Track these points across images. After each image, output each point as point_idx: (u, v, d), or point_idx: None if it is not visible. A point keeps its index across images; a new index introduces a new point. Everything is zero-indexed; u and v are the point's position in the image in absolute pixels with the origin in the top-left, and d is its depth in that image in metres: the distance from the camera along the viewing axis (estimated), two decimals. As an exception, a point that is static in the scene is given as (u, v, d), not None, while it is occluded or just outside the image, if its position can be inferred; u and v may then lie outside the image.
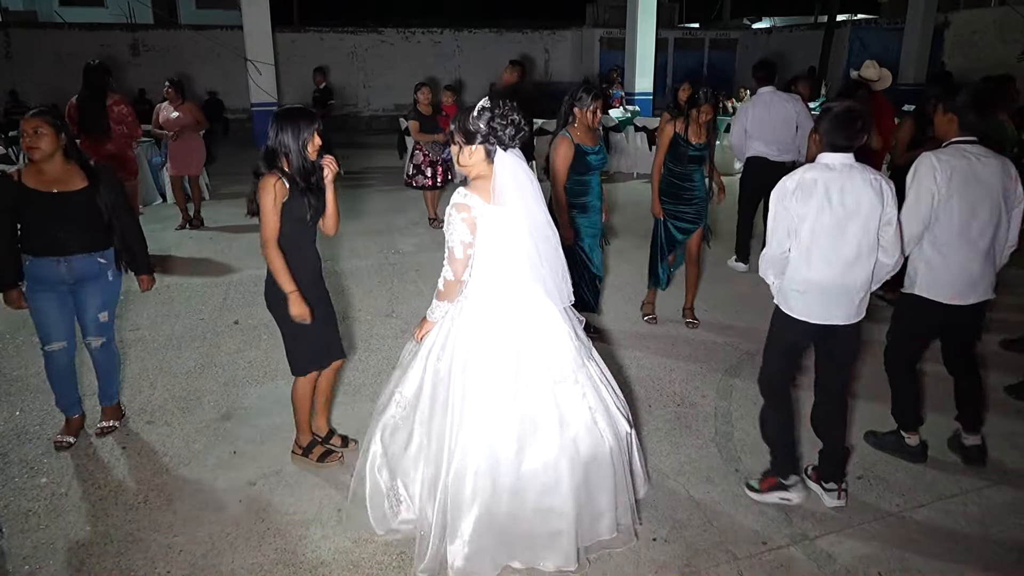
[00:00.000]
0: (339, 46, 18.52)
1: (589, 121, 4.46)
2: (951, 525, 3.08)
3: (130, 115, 6.77)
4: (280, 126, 3.04)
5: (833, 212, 2.87)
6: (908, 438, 3.54)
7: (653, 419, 3.95)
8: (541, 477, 2.66)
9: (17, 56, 15.99)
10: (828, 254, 2.91)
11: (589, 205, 4.60)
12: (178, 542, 2.96)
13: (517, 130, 2.64)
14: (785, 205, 2.94)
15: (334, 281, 6.32)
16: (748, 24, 24.11)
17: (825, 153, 2.94)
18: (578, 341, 2.81)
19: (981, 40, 16.05)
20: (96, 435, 3.75)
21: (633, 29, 14.39)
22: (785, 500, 3.18)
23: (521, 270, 2.70)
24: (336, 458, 3.50)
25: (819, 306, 2.99)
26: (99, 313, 3.62)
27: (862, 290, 2.99)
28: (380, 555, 2.89)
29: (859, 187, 2.87)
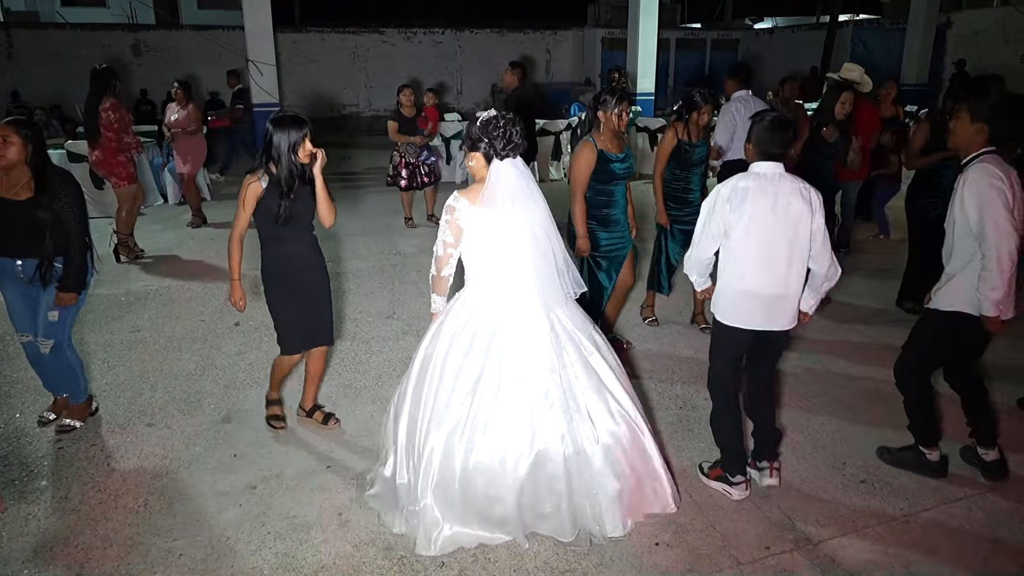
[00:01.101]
0: (341, 46, 18.51)
1: (615, 125, 4.19)
2: (955, 530, 3.06)
3: (117, 122, 6.60)
4: (273, 131, 3.30)
5: (765, 220, 2.93)
6: (928, 453, 3.41)
7: (656, 421, 3.93)
8: (490, 469, 2.81)
9: (19, 56, 15.99)
10: (761, 262, 2.98)
11: (611, 218, 4.34)
12: (178, 546, 2.95)
13: (510, 143, 2.84)
14: (718, 211, 3.01)
15: (335, 283, 6.30)
16: (750, 24, 24.08)
17: (757, 162, 3.02)
18: (558, 346, 2.90)
19: (983, 40, 16.02)
20: (55, 432, 3.77)
21: (635, 29, 14.36)
22: (726, 492, 3.26)
23: (508, 270, 2.89)
24: (279, 426, 3.81)
25: (753, 313, 3.06)
26: (49, 311, 3.57)
27: (793, 299, 3.05)
28: (381, 559, 2.87)
29: (789, 195, 2.94)
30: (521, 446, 2.81)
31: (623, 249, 4.44)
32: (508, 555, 2.89)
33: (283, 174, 3.31)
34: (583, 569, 2.82)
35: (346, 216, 8.82)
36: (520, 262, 2.87)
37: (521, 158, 2.93)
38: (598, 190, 4.29)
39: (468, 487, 2.83)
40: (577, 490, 2.87)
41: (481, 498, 2.84)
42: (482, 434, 2.81)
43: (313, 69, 18.14)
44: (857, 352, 4.83)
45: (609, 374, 3.01)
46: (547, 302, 2.92)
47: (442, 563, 2.84)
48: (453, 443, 2.82)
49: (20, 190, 3.43)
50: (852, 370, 4.56)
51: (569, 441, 2.82)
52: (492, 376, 2.84)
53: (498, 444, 2.81)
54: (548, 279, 2.91)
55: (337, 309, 5.67)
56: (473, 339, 2.89)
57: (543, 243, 2.89)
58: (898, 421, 3.69)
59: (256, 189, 3.33)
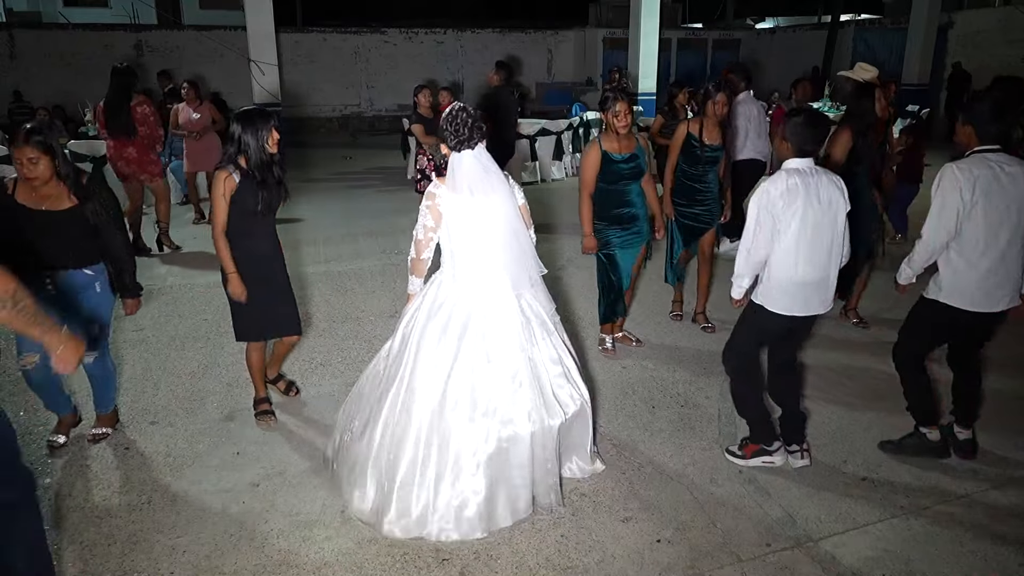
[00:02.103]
0: (342, 46, 18.51)
1: (615, 125, 4.24)
2: (956, 527, 3.07)
3: (152, 115, 6.90)
4: (241, 126, 3.42)
5: (814, 213, 3.09)
6: (929, 432, 3.53)
7: (657, 420, 3.95)
8: (459, 449, 2.96)
9: (21, 56, 16.00)
10: (811, 253, 3.14)
11: (624, 216, 4.38)
12: (181, 543, 2.97)
13: (458, 136, 3.01)
14: (771, 211, 3.11)
15: (337, 282, 6.33)
16: (751, 24, 24.07)
17: (794, 159, 3.15)
18: (527, 327, 3.09)
19: (985, 40, 16.00)
20: (89, 441, 3.71)
21: (636, 29, 14.38)
22: (768, 463, 3.44)
23: (479, 254, 3.06)
24: (267, 420, 3.89)
25: (802, 301, 3.22)
26: (89, 325, 3.48)
27: (834, 281, 3.26)
28: (383, 556, 2.89)
29: (828, 188, 3.13)
30: (490, 423, 2.97)
31: (638, 243, 4.53)
32: (510, 552, 2.90)
33: (256, 166, 3.45)
34: (584, 565, 2.83)
35: (348, 216, 8.86)
36: (490, 247, 3.05)
37: (485, 151, 3.08)
38: (607, 191, 4.35)
39: (442, 458, 2.97)
40: (540, 464, 3.06)
41: (454, 470, 2.97)
42: (453, 411, 2.97)
43: (314, 69, 18.14)
44: (859, 350, 4.84)
45: (566, 354, 3.24)
46: (516, 285, 3.11)
47: (444, 560, 2.86)
48: (426, 421, 2.98)
49: (61, 200, 3.33)
50: (854, 368, 4.57)
51: (536, 418, 3.00)
52: (465, 358, 3.00)
53: (470, 421, 2.97)
54: (516, 263, 3.10)
55: (339, 308, 5.70)
56: (448, 321, 3.05)
57: (508, 229, 3.07)
58: (899, 420, 3.71)
59: (231, 183, 3.44)
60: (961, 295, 3.28)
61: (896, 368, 3.62)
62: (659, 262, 5.52)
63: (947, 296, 3.31)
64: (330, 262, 6.94)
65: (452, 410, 2.97)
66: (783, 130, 3.17)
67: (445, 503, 2.96)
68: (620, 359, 4.70)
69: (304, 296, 5.91)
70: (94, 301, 3.53)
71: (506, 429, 2.97)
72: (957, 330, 3.44)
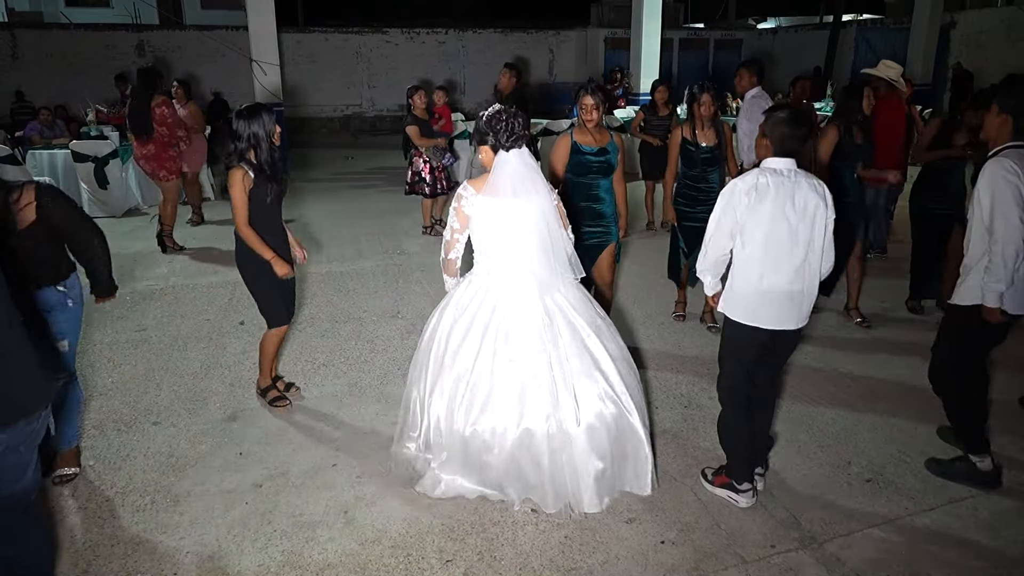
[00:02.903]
0: (344, 46, 18.52)
1: (583, 118, 4.28)
2: (961, 530, 3.06)
3: (170, 116, 7.03)
4: (248, 122, 3.56)
5: (786, 218, 2.89)
6: (979, 462, 3.32)
7: (660, 421, 3.94)
8: (483, 439, 3.05)
9: (23, 56, 16.02)
10: (779, 261, 2.94)
11: (592, 211, 4.34)
12: (184, 544, 2.96)
13: (512, 135, 3.02)
14: (733, 207, 2.94)
15: (339, 282, 6.32)
16: (753, 24, 24.05)
17: (774, 158, 2.96)
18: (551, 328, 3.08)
19: (988, 40, 15.99)
20: (54, 484, 3.33)
21: (638, 29, 14.36)
22: (732, 500, 3.19)
23: (509, 255, 3.07)
24: (284, 405, 4.02)
25: (769, 313, 3.01)
26: (58, 342, 3.23)
27: (809, 295, 3.03)
28: (387, 557, 2.88)
29: (807, 192, 2.91)
30: (509, 421, 3.02)
31: (603, 242, 4.42)
32: (514, 553, 2.89)
33: (266, 159, 3.61)
34: (588, 567, 2.82)
35: (350, 216, 8.85)
36: (520, 248, 3.05)
37: (527, 150, 3.07)
38: (576, 183, 4.34)
39: (467, 450, 3.10)
40: (558, 466, 3.03)
41: (477, 462, 3.11)
42: (478, 408, 3.05)
43: (316, 69, 18.15)
44: (861, 351, 4.83)
45: (605, 357, 3.13)
46: (543, 286, 3.10)
47: (447, 561, 2.85)
48: (453, 411, 3.09)
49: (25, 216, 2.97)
50: (856, 369, 4.56)
51: (553, 421, 3.00)
52: (487, 355, 3.06)
53: (491, 417, 3.04)
54: (546, 264, 3.08)
55: (342, 309, 5.69)
56: (473, 319, 3.12)
57: (543, 231, 3.05)
58: (904, 422, 3.70)
59: (248, 180, 3.59)
60: (1010, 298, 3.06)
61: (937, 391, 3.41)
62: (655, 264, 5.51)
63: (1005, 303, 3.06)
64: (332, 262, 6.94)
65: (477, 407, 3.05)
66: (763, 127, 3.01)
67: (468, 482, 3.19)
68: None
69: (306, 296, 5.91)
70: (64, 315, 3.23)
71: (522, 429, 3.02)
72: (1000, 336, 3.22)
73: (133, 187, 9.12)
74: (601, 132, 4.35)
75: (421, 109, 7.65)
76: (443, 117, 8.21)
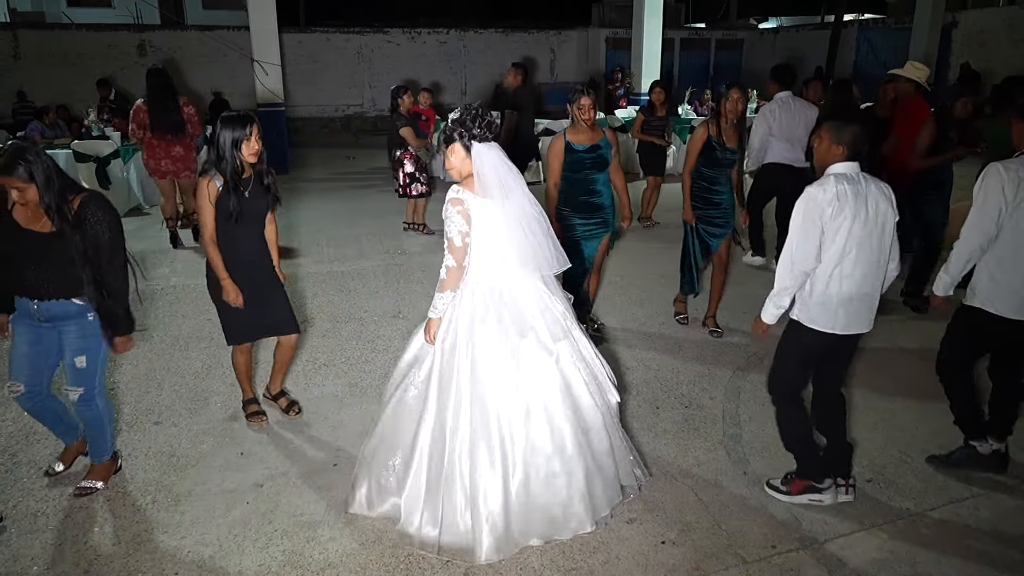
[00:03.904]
0: (345, 46, 18.51)
1: (580, 117, 4.42)
2: (962, 529, 3.06)
3: (196, 115, 7.10)
4: (221, 127, 3.36)
5: (863, 223, 2.86)
6: (979, 446, 3.40)
7: (661, 421, 3.94)
8: (548, 443, 2.85)
9: (25, 56, 16.03)
10: (856, 266, 2.91)
11: (589, 204, 4.56)
12: (186, 543, 2.97)
13: (485, 123, 2.88)
14: (820, 219, 2.84)
15: (340, 282, 6.32)
16: (754, 24, 24.02)
17: (842, 163, 2.91)
18: (562, 315, 3.01)
19: (990, 40, 15.96)
20: (74, 495, 3.26)
21: (639, 29, 14.36)
22: (817, 501, 3.17)
23: (511, 255, 2.90)
24: (258, 421, 3.89)
25: (843, 317, 2.98)
26: (75, 357, 3.12)
27: (878, 298, 3.03)
28: (388, 557, 2.88)
29: (877, 196, 2.90)
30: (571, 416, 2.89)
31: (602, 233, 4.66)
32: (514, 553, 2.89)
33: (227, 171, 3.38)
34: (589, 567, 2.82)
35: (351, 216, 8.85)
36: (518, 244, 2.91)
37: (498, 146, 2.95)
38: (572, 179, 4.52)
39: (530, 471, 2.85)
40: (617, 444, 3.08)
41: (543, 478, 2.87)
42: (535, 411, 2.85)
43: (317, 69, 18.15)
44: (861, 350, 4.81)
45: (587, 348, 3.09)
46: (543, 279, 3.01)
47: (447, 561, 2.85)
48: (510, 427, 2.83)
49: (45, 220, 2.97)
50: (857, 369, 4.55)
51: (600, 401, 2.97)
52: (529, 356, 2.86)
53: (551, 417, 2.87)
54: (546, 257, 2.96)
55: (342, 309, 5.69)
56: (498, 326, 2.88)
57: (534, 223, 2.95)
58: (906, 420, 3.70)
59: (213, 189, 3.40)
60: (1001, 302, 3.16)
61: (940, 381, 3.49)
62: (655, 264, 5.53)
63: (985, 302, 3.19)
64: (333, 262, 6.94)
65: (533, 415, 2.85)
66: (830, 131, 2.91)
67: (543, 509, 2.89)
68: (623, 359, 4.69)
69: (306, 296, 5.91)
70: (86, 331, 3.14)
71: (586, 415, 2.94)
72: (996, 338, 3.28)
73: (135, 187, 9.13)
74: (594, 129, 4.51)
75: (407, 109, 7.53)
76: (428, 118, 8.17)
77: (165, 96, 6.84)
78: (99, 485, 3.32)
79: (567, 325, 2.99)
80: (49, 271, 3.01)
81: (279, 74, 11.67)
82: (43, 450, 3.65)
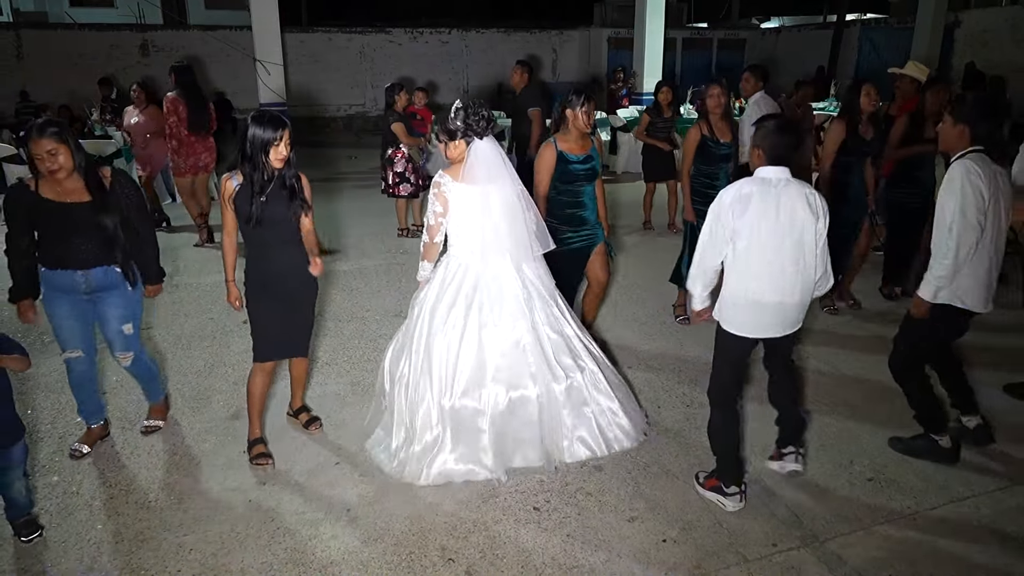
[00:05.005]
0: (347, 46, 18.54)
1: (580, 124, 4.14)
2: (963, 528, 3.06)
3: (214, 111, 7.35)
4: (249, 127, 3.22)
5: (769, 227, 2.90)
6: (940, 439, 3.50)
7: (662, 420, 3.95)
8: (474, 408, 3.33)
9: (28, 56, 16.07)
10: (764, 270, 2.95)
11: (577, 217, 4.29)
12: (188, 541, 2.98)
13: (488, 122, 3.32)
14: (721, 219, 2.95)
15: (342, 281, 6.34)
16: (757, 24, 24.02)
17: (766, 167, 2.97)
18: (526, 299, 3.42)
19: (992, 40, 15.95)
20: (141, 433, 3.78)
21: (641, 29, 14.36)
22: (720, 504, 3.20)
23: (484, 234, 3.35)
24: (263, 464, 3.50)
25: (756, 321, 3.06)
26: (123, 325, 3.48)
27: (799, 306, 3.05)
28: (389, 555, 2.89)
29: (794, 201, 2.91)
30: (499, 387, 3.33)
31: (591, 244, 4.40)
32: (516, 551, 2.91)
33: (252, 172, 3.22)
34: (590, 565, 2.83)
35: (353, 215, 8.87)
36: (494, 227, 3.35)
37: (494, 138, 3.37)
38: (562, 190, 4.25)
39: (459, 421, 3.33)
40: (547, 423, 3.40)
41: (470, 430, 3.35)
42: (467, 379, 3.32)
43: (319, 69, 18.18)
44: (861, 349, 4.82)
45: (566, 324, 3.55)
46: (516, 260, 3.43)
47: (449, 559, 2.86)
48: (444, 387, 3.32)
49: (81, 193, 3.24)
50: (857, 368, 4.56)
51: (541, 381, 3.35)
52: (474, 327, 3.34)
53: (480, 386, 3.33)
54: (518, 240, 3.41)
55: (345, 308, 5.71)
56: (457, 296, 3.38)
57: (514, 209, 3.39)
58: (904, 419, 3.70)
59: (229, 188, 3.27)
60: (969, 295, 3.25)
61: (895, 379, 3.56)
62: (655, 264, 5.53)
63: (956, 299, 3.25)
64: (335, 261, 6.95)
65: (465, 376, 3.32)
66: (754, 138, 3.01)
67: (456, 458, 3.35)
68: (624, 358, 4.69)
69: (310, 295, 5.91)
70: (127, 297, 3.48)
71: (515, 392, 3.34)
72: (956, 332, 3.41)
73: (137, 186, 9.16)
74: (584, 137, 4.24)
75: (403, 108, 7.45)
76: (424, 118, 8.11)
77: (199, 92, 6.94)
78: (160, 423, 3.85)
79: (524, 306, 3.39)
80: (91, 240, 3.28)
81: (281, 74, 11.68)
82: (47, 448, 3.67)
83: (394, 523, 3.08)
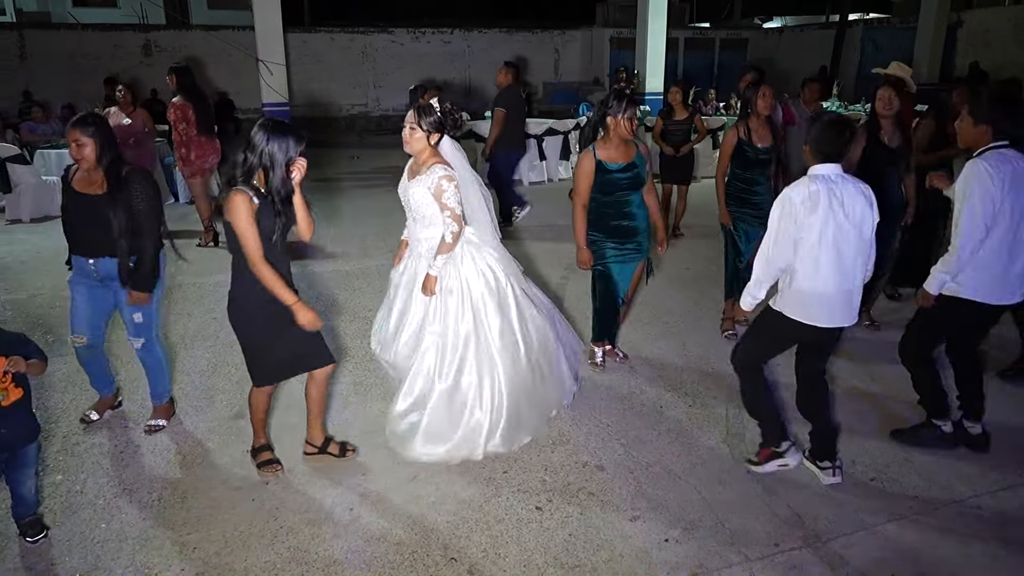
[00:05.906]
0: (350, 46, 18.57)
1: (622, 131, 3.94)
2: (965, 527, 3.06)
3: (215, 111, 7.46)
4: (268, 137, 2.91)
5: (837, 222, 3.00)
6: (943, 425, 3.57)
7: (665, 420, 3.95)
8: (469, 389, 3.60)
9: (31, 56, 16.12)
10: (833, 263, 3.04)
11: (623, 229, 4.13)
12: (192, 540, 2.99)
13: (460, 127, 3.69)
14: (792, 218, 3.02)
15: (345, 281, 6.35)
16: (759, 24, 24.02)
17: (820, 164, 3.06)
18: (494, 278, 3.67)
19: (995, 39, 15.94)
20: (145, 432, 3.81)
21: (643, 29, 14.35)
22: (783, 466, 3.36)
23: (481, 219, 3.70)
24: (275, 470, 3.41)
25: (825, 312, 3.12)
26: (133, 314, 3.64)
27: (859, 293, 3.16)
28: (392, 554, 2.90)
29: (854, 196, 3.03)
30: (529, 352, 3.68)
31: (636, 259, 4.27)
32: (518, 550, 2.91)
33: (276, 187, 2.95)
34: (592, 564, 2.83)
35: (355, 215, 8.88)
36: (471, 215, 3.67)
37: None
38: (603, 202, 4.08)
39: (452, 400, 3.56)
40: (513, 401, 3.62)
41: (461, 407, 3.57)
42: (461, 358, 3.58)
43: (322, 69, 18.20)
44: (863, 350, 4.82)
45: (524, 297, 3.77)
46: (487, 243, 3.69)
47: (452, 559, 2.87)
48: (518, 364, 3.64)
49: (99, 184, 3.45)
50: (859, 368, 4.55)
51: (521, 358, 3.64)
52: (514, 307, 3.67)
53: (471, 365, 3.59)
54: (486, 224, 3.71)
55: (347, 307, 5.71)
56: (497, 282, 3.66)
57: (481, 198, 3.70)
58: (906, 419, 3.70)
59: (252, 207, 2.93)
60: (989, 291, 3.27)
61: (904, 363, 3.64)
62: (663, 265, 5.53)
63: (972, 292, 3.28)
64: (338, 261, 6.97)
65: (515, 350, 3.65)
66: (806, 136, 3.11)
67: None
68: (625, 360, 4.70)
69: (311, 295, 5.93)
70: None
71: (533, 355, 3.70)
72: (966, 325, 3.45)
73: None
74: (627, 144, 4.03)
75: None
76: None
77: (202, 92, 6.95)
78: (162, 423, 3.87)
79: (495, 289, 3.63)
80: (100, 230, 3.42)
81: (284, 74, 11.71)
82: (51, 446, 3.68)
83: (397, 522, 3.09)
